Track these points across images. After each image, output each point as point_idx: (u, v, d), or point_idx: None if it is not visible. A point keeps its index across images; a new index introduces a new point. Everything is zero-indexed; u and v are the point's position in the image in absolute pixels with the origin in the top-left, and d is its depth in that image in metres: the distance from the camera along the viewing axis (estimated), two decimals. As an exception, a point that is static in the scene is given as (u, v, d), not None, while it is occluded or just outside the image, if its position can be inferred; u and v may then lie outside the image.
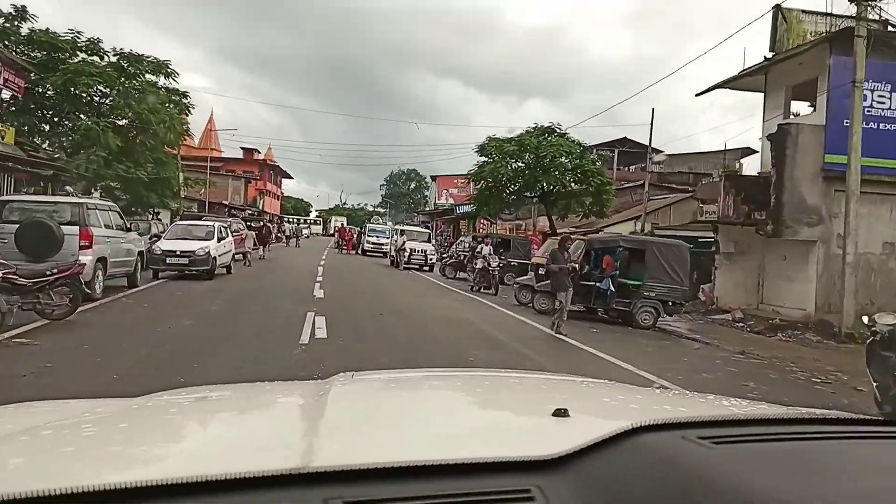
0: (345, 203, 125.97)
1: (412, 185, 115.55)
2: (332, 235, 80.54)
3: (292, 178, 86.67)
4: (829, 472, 0.99)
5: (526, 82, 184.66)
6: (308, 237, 69.72)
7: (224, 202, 53.01)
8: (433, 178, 66.18)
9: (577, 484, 0.94)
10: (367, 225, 40.90)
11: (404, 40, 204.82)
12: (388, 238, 37.43)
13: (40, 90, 23.14)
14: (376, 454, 0.96)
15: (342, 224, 42.03)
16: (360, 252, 38.86)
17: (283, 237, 49.01)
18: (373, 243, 37.86)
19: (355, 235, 42.35)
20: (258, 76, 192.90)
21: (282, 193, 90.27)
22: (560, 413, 1.21)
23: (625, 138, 45.96)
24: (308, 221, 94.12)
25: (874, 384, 6.92)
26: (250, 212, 60.20)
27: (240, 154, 72.72)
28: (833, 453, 1.07)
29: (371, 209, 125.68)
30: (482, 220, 38.07)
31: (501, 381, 2.06)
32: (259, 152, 73.84)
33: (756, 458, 1.00)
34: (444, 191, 63.78)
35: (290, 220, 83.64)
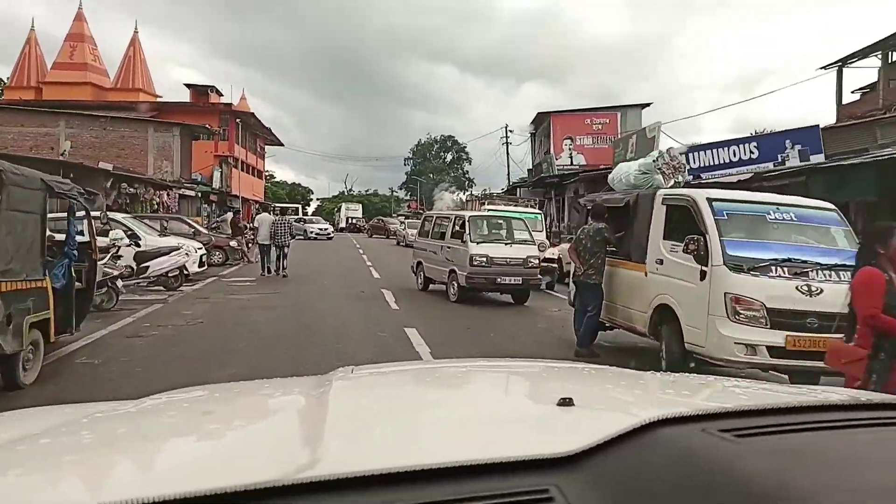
0: (350, 190, 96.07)
1: (448, 157, 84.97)
2: (345, 230, 50.71)
3: (282, 144, 56.16)
4: (860, 463, 0.92)
5: (522, 66, 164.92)
6: (330, 236, 39.61)
7: (111, 169, 22.44)
8: (539, 117, 35.41)
9: (595, 481, 0.89)
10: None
11: (397, 27, 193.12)
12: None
13: None
14: (387, 457, 0.94)
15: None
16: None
17: (248, 248, 18.25)
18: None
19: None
20: (252, 69, 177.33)
21: (264, 173, 59.27)
22: (565, 402, 1.17)
23: None
24: (320, 213, 64.36)
25: None
26: (190, 189, 29.63)
27: (187, 96, 42.28)
28: (864, 443, 1.01)
29: (390, 193, 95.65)
30: None
31: (504, 372, 2.00)
32: (220, 94, 43.24)
33: (783, 451, 0.94)
34: (566, 141, 33.36)
35: (278, 209, 53.45)
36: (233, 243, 17.52)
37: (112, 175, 20.96)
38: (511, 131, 39.26)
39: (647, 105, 33.51)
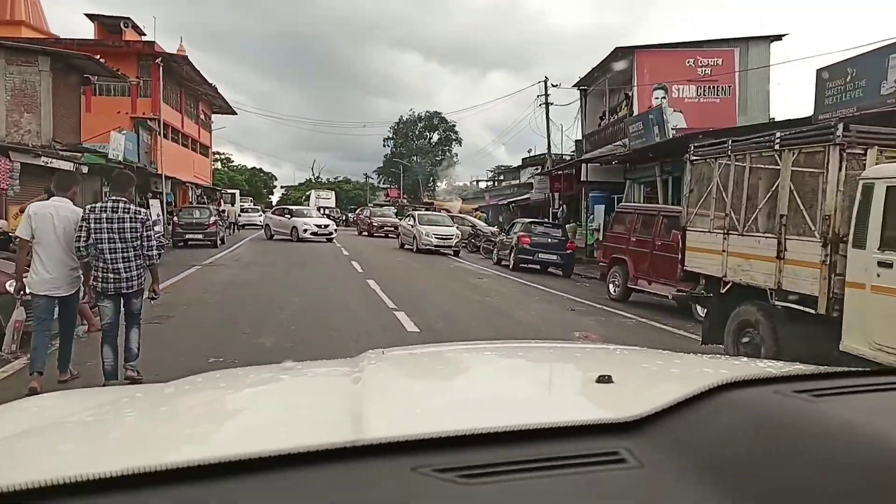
0: (318, 177, 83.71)
1: (434, 138, 73.02)
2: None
3: (234, 112, 43.61)
4: None
5: (488, 54, 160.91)
6: (331, 235, 26.61)
7: None
8: (617, 54, 23.70)
9: (666, 443, 0.86)
10: None
11: (361, 13, 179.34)
12: None
13: None
14: (451, 422, 0.93)
15: None
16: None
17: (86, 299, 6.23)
18: None
19: None
20: (209, 56, 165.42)
21: (211, 149, 46.83)
22: (604, 379, 1.14)
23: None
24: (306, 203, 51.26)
25: None
26: (69, 160, 17.57)
27: (92, 31, 29.83)
28: None
29: (365, 179, 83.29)
30: None
31: (536, 351, 1.97)
32: (141, 32, 30.81)
33: (871, 409, 0.91)
34: (657, 92, 22.19)
35: (217, 195, 40.97)
36: (8, 286, 5.81)
37: None
38: (555, 85, 27.57)
39: (780, 38, 22.35)
